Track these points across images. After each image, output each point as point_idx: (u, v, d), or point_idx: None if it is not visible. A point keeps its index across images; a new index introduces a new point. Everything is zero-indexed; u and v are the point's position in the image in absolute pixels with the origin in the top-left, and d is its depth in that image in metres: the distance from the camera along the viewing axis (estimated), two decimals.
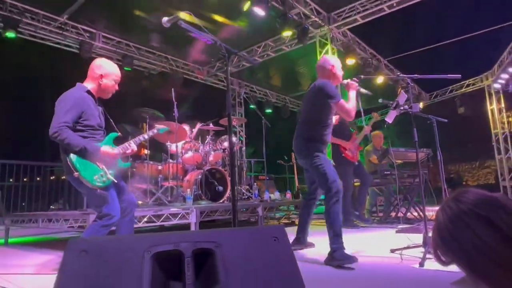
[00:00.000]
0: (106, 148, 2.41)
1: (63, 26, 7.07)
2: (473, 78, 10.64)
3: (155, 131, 2.87)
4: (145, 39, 8.07)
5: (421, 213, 5.80)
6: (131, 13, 6.92)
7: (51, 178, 8.21)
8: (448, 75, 2.79)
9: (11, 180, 7.14)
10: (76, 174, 2.24)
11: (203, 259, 1.11)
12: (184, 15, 2.29)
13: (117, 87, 2.63)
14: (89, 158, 2.31)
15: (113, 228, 2.51)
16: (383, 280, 2.25)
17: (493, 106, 10.43)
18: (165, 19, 2.23)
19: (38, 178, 7.75)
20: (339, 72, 3.10)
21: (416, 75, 3.07)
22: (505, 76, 9.35)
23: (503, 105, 10.32)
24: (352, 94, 2.98)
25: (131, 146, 2.60)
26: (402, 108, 2.95)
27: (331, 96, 2.85)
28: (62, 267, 1.01)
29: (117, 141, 2.65)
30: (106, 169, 2.37)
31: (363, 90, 3.11)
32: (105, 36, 7.65)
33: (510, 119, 10.45)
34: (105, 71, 2.54)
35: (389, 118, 3.16)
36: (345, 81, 3.07)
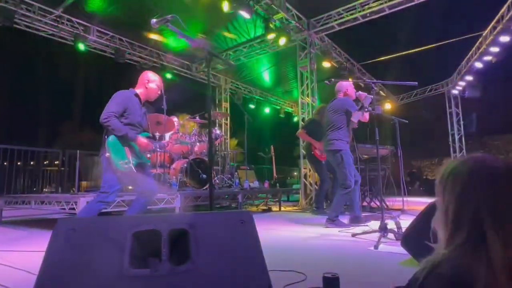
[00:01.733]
0: (142, 138, 2.76)
1: (58, 19, 6.86)
2: (435, 84, 10.98)
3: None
4: (137, 34, 7.93)
5: (383, 203, 6.02)
6: (125, 9, 6.78)
7: (45, 162, 8.03)
8: (406, 82, 2.92)
9: (5, 163, 6.94)
10: (107, 154, 2.59)
11: (178, 238, 1.18)
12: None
13: (159, 92, 3.02)
14: (123, 142, 2.66)
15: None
16: (341, 259, 2.38)
17: (451, 110, 10.82)
18: (153, 20, 2.24)
19: (32, 162, 7.56)
20: (352, 92, 3.76)
21: (378, 81, 3.19)
22: (462, 83, 9.70)
23: (460, 109, 10.73)
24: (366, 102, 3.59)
25: (155, 148, 3.05)
26: (366, 109, 3.07)
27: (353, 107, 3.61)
28: (51, 244, 1.05)
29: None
30: (132, 159, 2.69)
31: (368, 96, 3.59)
32: (99, 31, 7.47)
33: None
34: (151, 78, 2.96)
35: (355, 118, 3.27)
36: (357, 93, 3.66)
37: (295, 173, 15.11)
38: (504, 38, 6.96)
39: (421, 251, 2.13)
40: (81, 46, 7.00)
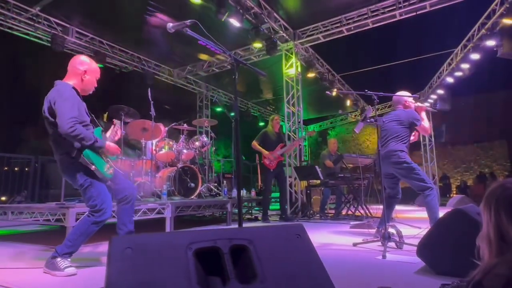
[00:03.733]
0: (110, 143, 2.46)
1: (34, 18, 6.48)
2: (408, 96, 11.49)
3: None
4: (119, 37, 7.69)
5: (367, 211, 6.19)
6: (107, 10, 6.54)
7: (5, 169, 7.43)
8: (411, 95, 3.04)
9: None
10: (93, 167, 2.25)
11: (238, 255, 1.12)
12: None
13: (96, 84, 2.56)
14: (95, 150, 2.33)
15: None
16: (356, 269, 2.38)
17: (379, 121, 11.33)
18: (170, 25, 2.15)
19: None
20: (411, 104, 3.67)
21: (379, 93, 3.27)
22: (433, 96, 10.27)
23: (431, 121, 11.32)
24: (423, 114, 3.56)
25: (118, 133, 2.65)
26: (368, 120, 3.14)
27: (419, 120, 3.50)
28: (111, 264, 0.95)
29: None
30: (109, 162, 2.43)
31: (429, 108, 3.64)
32: (78, 32, 7.14)
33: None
34: (88, 67, 2.48)
35: (357, 129, 3.34)
36: (416, 105, 3.61)
37: None
38: (474, 56, 7.47)
39: (436, 261, 2.19)
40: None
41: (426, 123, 3.53)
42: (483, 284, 0.95)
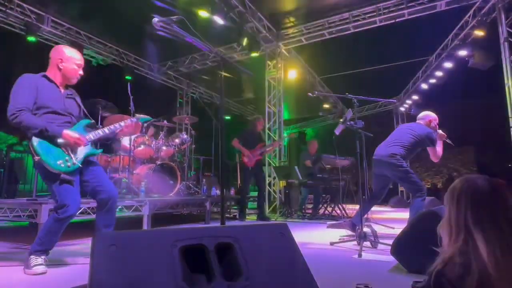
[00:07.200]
0: (69, 132, 2.21)
1: (7, 3, 6.16)
2: (384, 101, 11.87)
3: (134, 120, 2.59)
4: (97, 28, 7.45)
5: (343, 211, 6.34)
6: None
7: None
8: (386, 100, 3.15)
9: None
10: (36, 158, 2.10)
11: (223, 253, 1.13)
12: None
13: (81, 72, 2.46)
14: (51, 140, 2.16)
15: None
16: (334, 268, 2.44)
17: (398, 126, 11.77)
18: (155, 19, 2.11)
19: None
20: (436, 126, 3.77)
21: (359, 96, 3.37)
22: (409, 101, 10.65)
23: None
24: (440, 142, 3.65)
25: (103, 133, 2.42)
26: (348, 123, 3.23)
27: (434, 142, 3.59)
28: (94, 263, 0.94)
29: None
30: (73, 154, 2.24)
31: (447, 140, 3.74)
32: (54, 21, 6.85)
33: None
34: (64, 55, 2.38)
35: (337, 131, 3.42)
36: (437, 131, 3.70)
37: None
38: (448, 64, 7.82)
39: (409, 259, 2.29)
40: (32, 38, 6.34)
41: (439, 150, 3.63)
42: (444, 273, 1.02)
